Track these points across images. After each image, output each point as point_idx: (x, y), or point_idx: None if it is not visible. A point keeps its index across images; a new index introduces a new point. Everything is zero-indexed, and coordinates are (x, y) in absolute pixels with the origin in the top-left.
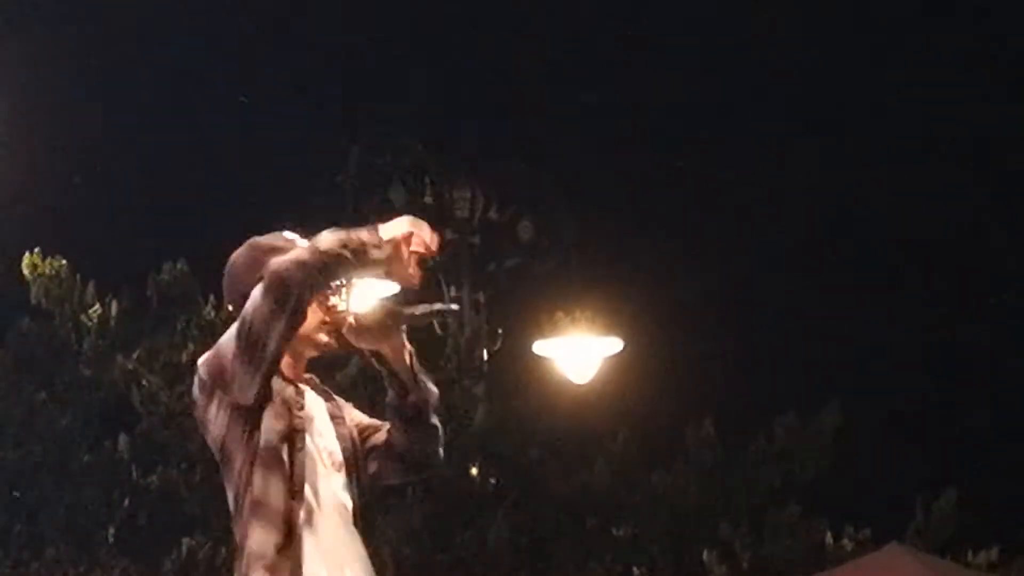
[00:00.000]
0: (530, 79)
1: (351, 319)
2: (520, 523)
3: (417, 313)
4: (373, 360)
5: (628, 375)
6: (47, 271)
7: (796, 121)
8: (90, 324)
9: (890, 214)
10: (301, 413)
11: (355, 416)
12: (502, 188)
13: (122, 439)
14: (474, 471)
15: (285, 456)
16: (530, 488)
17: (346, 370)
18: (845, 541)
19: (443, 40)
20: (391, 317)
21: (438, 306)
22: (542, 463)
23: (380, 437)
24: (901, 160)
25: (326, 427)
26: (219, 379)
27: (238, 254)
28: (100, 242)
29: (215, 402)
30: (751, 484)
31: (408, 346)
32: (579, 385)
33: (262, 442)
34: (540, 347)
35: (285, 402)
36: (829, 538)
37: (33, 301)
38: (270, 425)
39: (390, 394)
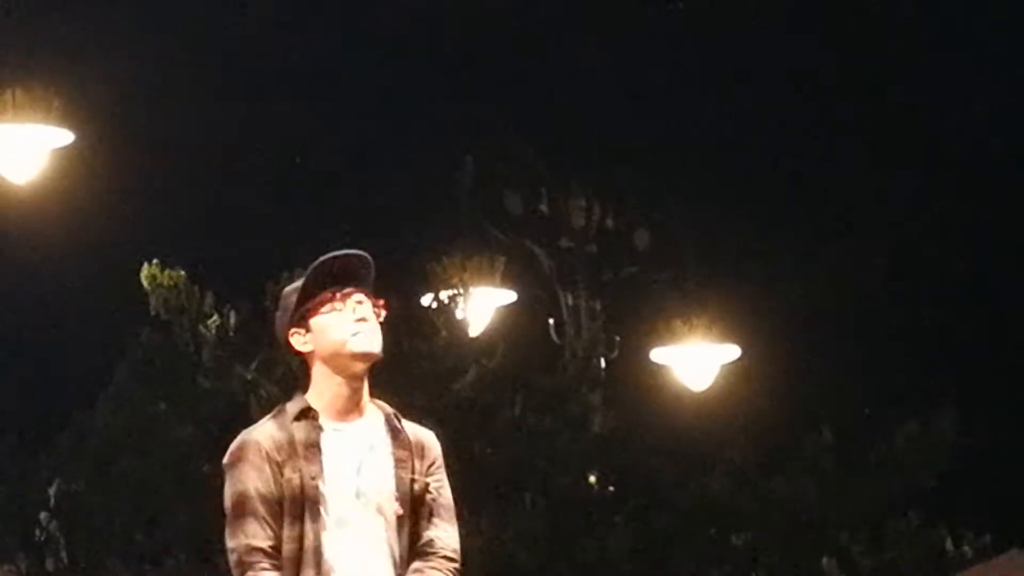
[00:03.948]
0: (645, 86)
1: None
2: (639, 530)
3: None
4: None
5: (746, 382)
6: (166, 282)
7: (918, 124)
8: (209, 334)
9: (1008, 216)
10: (313, 481)
11: (433, 482)
12: (618, 196)
13: None
14: (592, 479)
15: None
16: (648, 496)
17: (465, 378)
18: (965, 548)
19: (559, 47)
20: None
21: None
22: (660, 471)
23: (423, 532)
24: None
25: (374, 467)
26: None
27: (278, 313)
28: (218, 253)
29: None
30: (870, 491)
31: None
32: (697, 392)
33: None
34: (658, 355)
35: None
36: (949, 545)
37: (152, 312)
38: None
39: None
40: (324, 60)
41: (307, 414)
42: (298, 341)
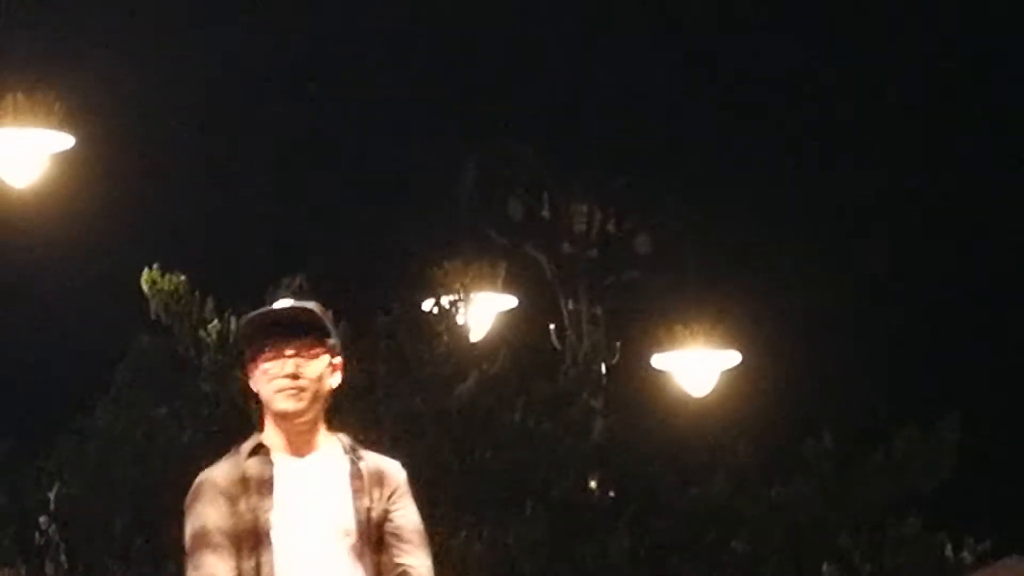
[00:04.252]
0: (647, 91)
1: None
2: (639, 536)
3: None
4: None
5: (746, 388)
6: (166, 286)
7: (918, 127)
8: (209, 340)
9: (1009, 219)
10: (266, 515)
11: (395, 509)
12: (620, 202)
13: None
14: (593, 484)
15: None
16: (649, 501)
17: (466, 383)
18: (965, 554)
19: (559, 52)
20: None
21: None
22: (661, 476)
23: (392, 560)
24: None
25: (330, 498)
26: None
27: None
28: (219, 257)
29: None
30: (871, 497)
31: None
32: (697, 398)
33: None
34: (658, 360)
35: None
36: (949, 550)
37: (152, 317)
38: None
39: None
40: (325, 65)
41: (259, 450)
42: (251, 380)
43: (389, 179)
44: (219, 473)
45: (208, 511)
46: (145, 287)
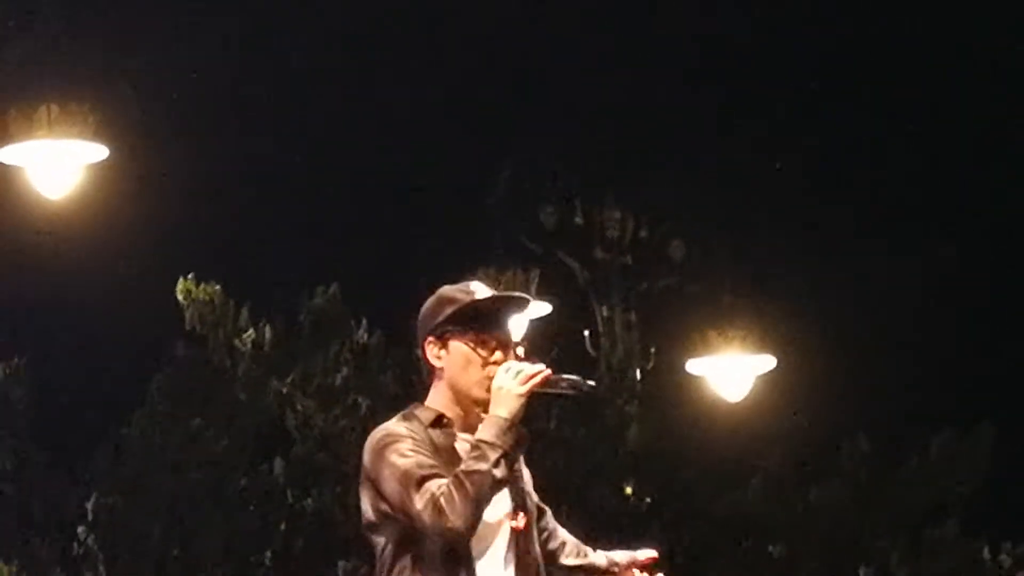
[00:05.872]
0: (680, 98)
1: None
2: (675, 542)
3: (555, 386)
4: None
5: (782, 392)
6: (201, 296)
7: (961, 132)
8: (244, 349)
9: None
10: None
11: (537, 501)
12: (653, 208)
13: (277, 463)
14: (628, 490)
15: None
16: (685, 507)
17: None
18: (1003, 557)
19: (593, 61)
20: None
21: (576, 379)
22: (696, 481)
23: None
24: None
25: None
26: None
27: (427, 302)
28: (253, 267)
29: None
30: (907, 501)
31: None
32: (733, 403)
33: None
34: (693, 365)
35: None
36: (987, 554)
37: (188, 327)
38: None
39: None
40: (358, 76)
41: (441, 422)
42: (432, 352)
43: (422, 187)
44: (411, 431)
45: (414, 447)
46: (180, 297)
